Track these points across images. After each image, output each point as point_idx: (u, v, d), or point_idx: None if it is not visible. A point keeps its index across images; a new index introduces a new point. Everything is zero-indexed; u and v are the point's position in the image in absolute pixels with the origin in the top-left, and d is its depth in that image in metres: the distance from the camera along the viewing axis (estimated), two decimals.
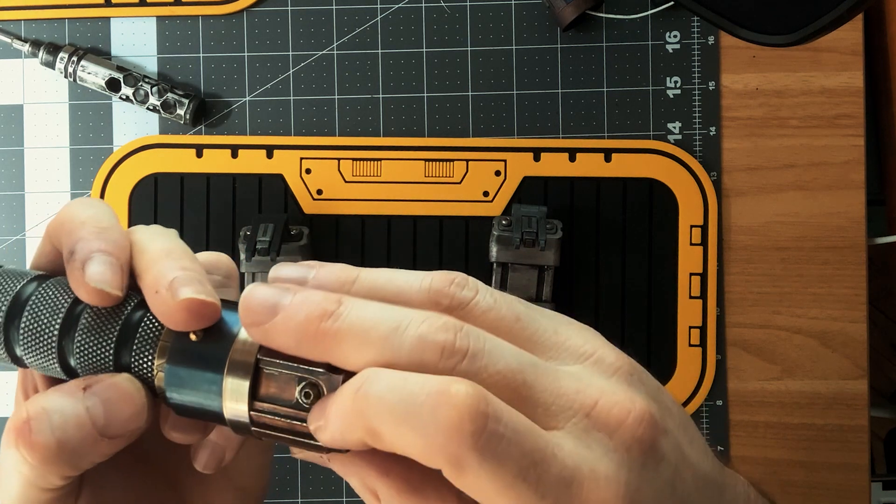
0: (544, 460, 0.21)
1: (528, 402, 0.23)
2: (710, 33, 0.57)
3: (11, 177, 0.58)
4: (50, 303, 0.26)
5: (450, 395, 0.21)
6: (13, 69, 0.58)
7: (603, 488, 0.22)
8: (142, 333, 0.26)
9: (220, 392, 0.24)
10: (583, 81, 0.57)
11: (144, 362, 0.26)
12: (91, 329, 0.26)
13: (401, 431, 0.21)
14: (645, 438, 0.23)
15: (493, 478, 0.21)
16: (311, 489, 0.57)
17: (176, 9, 0.58)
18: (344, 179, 0.57)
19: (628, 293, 0.57)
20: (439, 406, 0.21)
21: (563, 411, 0.23)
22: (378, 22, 0.57)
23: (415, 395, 0.21)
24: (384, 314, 0.23)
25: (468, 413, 0.21)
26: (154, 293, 0.25)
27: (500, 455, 0.21)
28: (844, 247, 0.56)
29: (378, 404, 0.21)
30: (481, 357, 0.22)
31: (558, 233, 0.53)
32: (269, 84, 0.58)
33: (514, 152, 0.57)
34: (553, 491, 0.21)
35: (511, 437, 0.21)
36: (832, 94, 0.57)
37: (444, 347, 0.22)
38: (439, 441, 0.21)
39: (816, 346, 0.57)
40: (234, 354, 0.24)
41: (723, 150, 0.57)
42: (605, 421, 0.23)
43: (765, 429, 0.57)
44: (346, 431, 0.22)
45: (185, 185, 0.57)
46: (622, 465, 0.22)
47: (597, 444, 0.22)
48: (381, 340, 0.22)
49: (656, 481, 0.23)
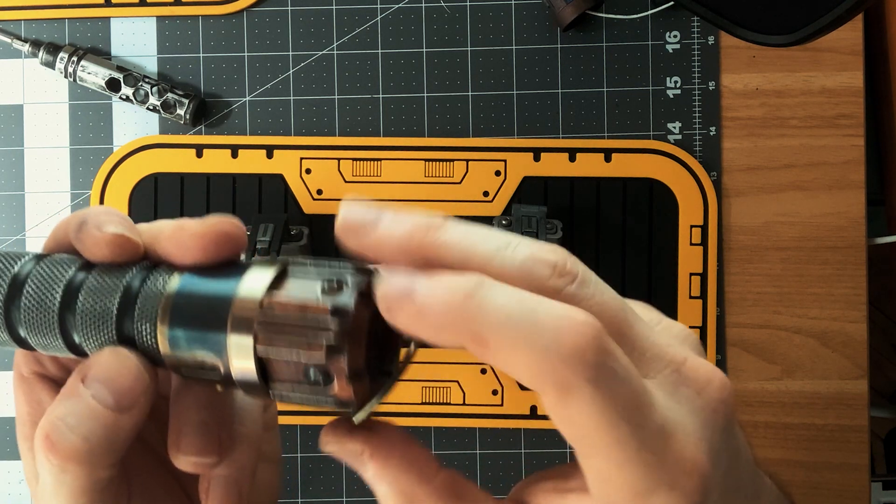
0: (647, 405, 0.21)
1: (626, 341, 0.22)
2: (710, 33, 0.57)
3: (11, 177, 0.58)
4: (49, 278, 0.26)
5: (575, 321, 0.20)
6: (13, 69, 0.58)
7: (692, 444, 0.22)
8: (143, 296, 0.25)
9: (225, 349, 0.23)
10: (583, 81, 0.57)
11: (146, 326, 0.25)
12: (92, 298, 0.25)
13: (515, 345, 0.20)
14: (730, 403, 0.23)
15: (599, 412, 0.20)
16: (311, 489, 0.57)
17: (176, 9, 0.58)
18: (344, 179, 0.57)
19: (628, 293, 0.57)
20: (562, 329, 0.20)
21: (656, 360, 0.23)
22: (378, 22, 0.57)
23: (536, 312, 0.20)
24: (491, 232, 0.22)
25: (592, 342, 0.20)
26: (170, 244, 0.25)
27: (613, 390, 0.20)
28: (844, 247, 0.56)
29: (496, 313, 0.20)
30: (590, 284, 0.22)
31: (558, 233, 0.53)
32: (269, 84, 0.58)
33: (514, 152, 0.57)
34: (651, 438, 0.21)
35: (624, 375, 0.21)
36: (832, 94, 0.57)
37: (556, 266, 0.22)
38: (556, 364, 0.20)
39: (816, 346, 0.57)
40: (235, 312, 0.23)
41: (723, 150, 0.57)
42: (695, 378, 0.23)
43: (765, 429, 0.57)
44: (447, 330, 0.21)
45: (185, 185, 0.57)
46: (707, 426, 0.22)
47: (686, 401, 0.22)
48: (490, 254, 0.22)
49: (732, 449, 0.23)
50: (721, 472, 0.22)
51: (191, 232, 0.25)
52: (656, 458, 0.21)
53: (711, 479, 0.22)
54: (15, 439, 0.58)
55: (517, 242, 0.22)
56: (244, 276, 0.24)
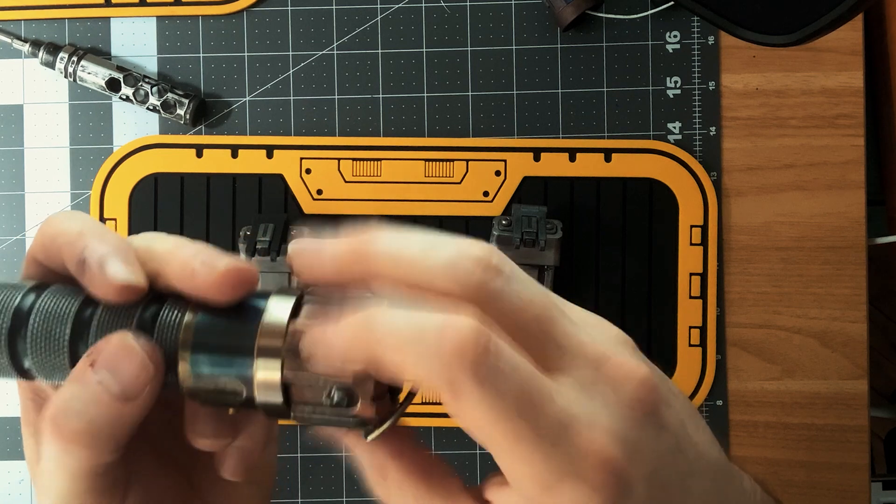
0: (542, 400, 0.22)
1: (546, 336, 0.23)
2: (710, 33, 0.57)
3: (11, 177, 0.58)
4: (56, 310, 0.26)
5: (455, 326, 0.21)
6: (13, 69, 0.58)
7: (599, 437, 0.22)
8: (160, 328, 0.26)
9: (251, 374, 0.24)
10: (583, 81, 0.57)
11: (165, 357, 0.25)
12: (105, 332, 0.26)
13: (406, 358, 0.22)
14: (648, 401, 0.23)
15: (488, 408, 0.21)
16: (311, 489, 0.57)
17: (176, 9, 0.58)
18: (344, 179, 0.57)
19: (628, 293, 0.57)
20: (444, 334, 0.21)
21: (576, 357, 0.23)
22: (378, 22, 0.57)
23: (421, 325, 0.22)
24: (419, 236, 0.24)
25: (471, 342, 0.21)
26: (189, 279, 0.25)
27: (498, 386, 0.21)
28: (844, 247, 0.56)
29: (386, 335, 0.22)
30: (515, 280, 0.23)
31: (558, 233, 0.53)
32: (269, 84, 0.58)
33: (514, 152, 0.57)
34: (550, 431, 0.22)
35: (510, 372, 0.22)
36: (832, 94, 0.57)
37: (481, 261, 0.23)
38: (440, 366, 0.21)
39: (816, 346, 0.57)
40: (261, 340, 0.24)
41: (723, 150, 0.57)
42: (613, 376, 0.23)
43: (765, 429, 0.57)
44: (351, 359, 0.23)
45: (185, 185, 0.57)
46: (622, 420, 0.23)
47: (600, 397, 0.23)
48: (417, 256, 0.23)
49: (656, 446, 0.23)
50: (645, 468, 0.23)
51: (203, 278, 0.25)
52: (557, 451, 0.22)
53: (628, 474, 0.22)
54: (15, 440, 0.58)
55: (443, 242, 0.23)
56: (267, 305, 0.25)
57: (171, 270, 0.26)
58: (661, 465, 0.23)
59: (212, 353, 0.25)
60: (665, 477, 0.23)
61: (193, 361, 0.25)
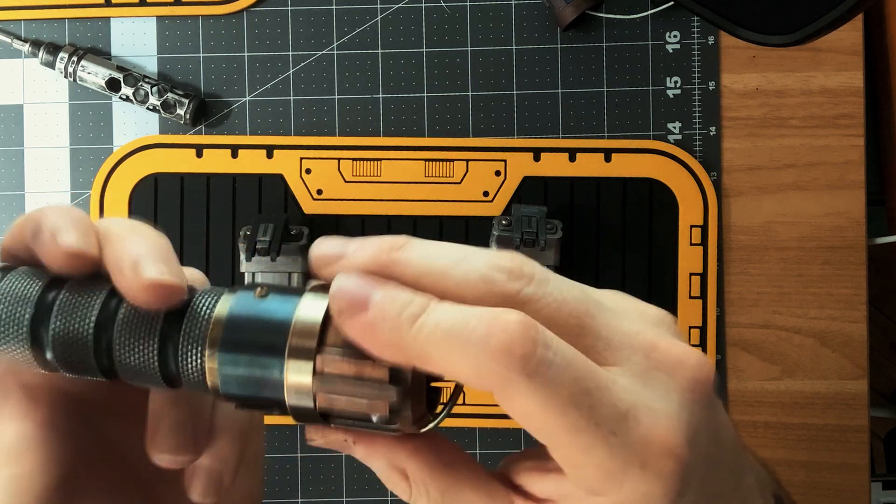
0: (598, 389, 0.22)
1: (590, 332, 0.23)
2: (710, 33, 0.57)
3: (11, 177, 0.58)
4: (19, 292, 0.25)
5: (501, 322, 0.21)
6: (13, 69, 0.58)
7: (664, 425, 0.22)
8: (188, 325, 0.25)
9: (282, 380, 0.23)
10: (583, 81, 0.57)
11: (193, 354, 0.25)
12: (129, 329, 0.25)
13: (452, 355, 0.21)
14: (706, 383, 0.23)
15: (542, 402, 0.21)
16: (311, 489, 0.57)
17: (176, 9, 0.58)
18: (344, 179, 0.57)
19: (628, 293, 0.57)
20: (491, 331, 0.21)
21: (624, 347, 0.23)
22: (378, 22, 0.57)
23: (468, 321, 0.21)
24: (450, 247, 0.23)
25: (518, 337, 0.21)
26: (118, 272, 0.25)
27: (551, 380, 0.21)
28: (844, 247, 0.56)
29: (434, 331, 0.21)
30: (547, 283, 0.23)
31: (558, 233, 0.53)
32: (269, 84, 0.58)
33: (514, 152, 0.57)
34: (607, 420, 0.21)
35: (561, 363, 0.21)
36: (832, 94, 0.57)
37: (512, 271, 0.23)
38: (489, 364, 0.21)
39: (816, 346, 0.57)
40: (293, 339, 0.23)
41: (723, 150, 0.57)
42: (665, 361, 0.23)
43: (765, 429, 0.57)
44: (391, 350, 0.22)
45: (185, 185, 0.57)
46: (684, 406, 0.23)
47: (657, 384, 0.23)
48: (448, 267, 0.23)
49: (711, 426, 0.23)
50: (702, 451, 0.23)
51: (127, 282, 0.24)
52: (619, 440, 0.21)
53: (690, 460, 0.22)
54: None
55: (474, 254, 0.23)
56: (299, 304, 0.24)
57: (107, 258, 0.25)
58: (712, 448, 0.23)
59: (242, 352, 0.24)
60: (716, 459, 0.24)
61: (222, 370, 0.24)
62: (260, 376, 0.24)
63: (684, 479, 0.22)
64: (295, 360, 0.23)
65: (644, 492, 0.22)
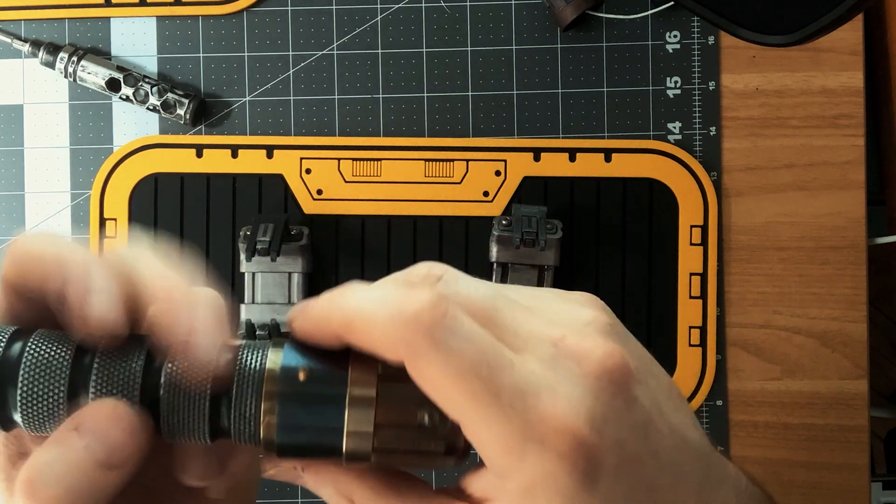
0: (500, 366, 0.23)
1: (497, 324, 0.24)
2: (710, 33, 0.57)
3: (11, 177, 0.58)
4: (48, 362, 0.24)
5: (415, 295, 0.23)
6: (13, 69, 0.58)
7: (563, 405, 0.23)
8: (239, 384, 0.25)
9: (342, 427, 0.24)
10: (583, 81, 0.57)
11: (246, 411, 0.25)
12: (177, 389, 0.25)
13: (370, 323, 0.23)
14: (615, 371, 0.24)
15: (444, 367, 0.23)
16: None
17: (176, 9, 0.58)
18: (344, 179, 0.57)
19: (628, 293, 0.57)
20: (406, 302, 0.23)
21: (531, 338, 0.24)
22: (378, 22, 0.57)
23: (388, 295, 0.24)
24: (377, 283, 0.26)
25: (428, 308, 0.23)
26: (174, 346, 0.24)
27: (454, 348, 0.23)
28: (844, 247, 0.56)
29: (357, 301, 0.24)
30: (456, 282, 0.25)
31: (558, 233, 0.53)
32: (269, 84, 0.58)
33: (514, 152, 0.57)
34: (507, 393, 0.23)
35: (467, 336, 0.23)
36: (832, 94, 0.57)
37: (420, 275, 0.25)
38: (400, 331, 0.23)
39: (816, 346, 0.57)
40: (353, 389, 0.24)
41: (723, 150, 0.57)
42: (574, 351, 0.24)
43: (765, 429, 0.57)
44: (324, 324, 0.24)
45: (185, 185, 0.57)
46: (588, 392, 0.23)
47: (563, 370, 0.23)
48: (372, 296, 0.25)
49: (625, 419, 0.23)
50: (612, 440, 0.23)
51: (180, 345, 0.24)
52: (516, 413, 0.22)
53: (595, 444, 0.22)
54: None
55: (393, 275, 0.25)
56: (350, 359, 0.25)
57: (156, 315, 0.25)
58: (631, 438, 0.23)
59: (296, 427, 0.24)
60: (636, 450, 0.23)
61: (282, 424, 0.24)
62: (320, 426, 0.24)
63: (591, 463, 0.22)
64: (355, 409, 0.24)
65: (547, 470, 0.22)
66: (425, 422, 0.24)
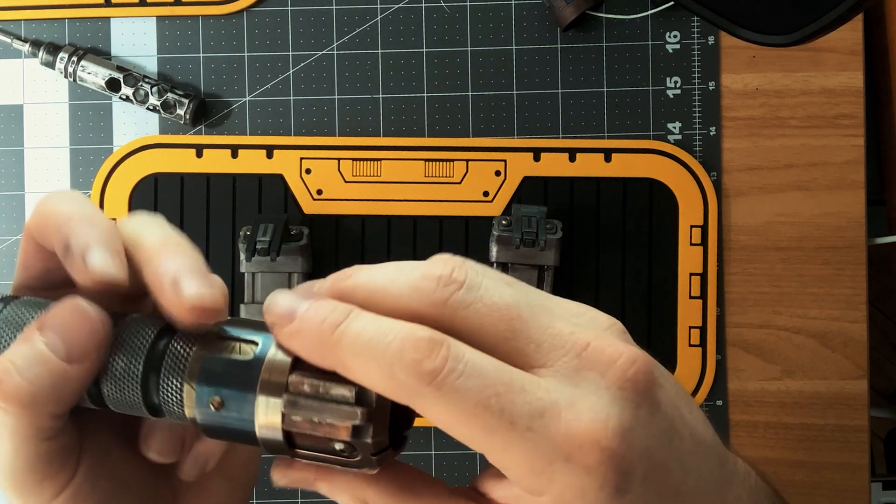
0: (510, 392, 0.22)
1: (520, 335, 0.24)
2: (710, 33, 0.57)
3: (11, 177, 0.58)
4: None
5: (413, 338, 0.23)
6: (13, 69, 0.58)
7: (586, 419, 0.22)
8: (168, 359, 0.25)
9: (252, 411, 0.24)
10: (583, 81, 0.57)
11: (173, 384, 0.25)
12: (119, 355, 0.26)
13: (368, 366, 0.23)
14: (639, 379, 0.23)
15: (450, 409, 0.22)
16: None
17: (176, 9, 0.58)
18: (344, 179, 0.57)
19: (628, 293, 0.57)
20: (404, 346, 0.22)
21: (554, 349, 0.24)
22: (378, 22, 0.57)
23: (386, 336, 0.23)
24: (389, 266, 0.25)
25: (427, 353, 0.22)
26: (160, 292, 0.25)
27: (457, 389, 0.22)
28: (844, 247, 0.56)
29: (354, 341, 0.23)
30: (478, 288, 0.24)
31: (558, 233, 0.53)
32: (269, 84, 0.58)
33: (514, 152, 0.57)
34: (523, 418, 0.22)
35: (470, 372, 0.22)
36: (832, 94, 0.57)
37: (441, 278, 0.24)
38: (400, 377, 0.22)
39: (816, 346, 0.57)
40: (265, 374, 0.24)
41: (723, 150, 0.57)
42: (598, 360, 0.23)
43: (765, 429, 0.57)
44: (316, 354, 0.24)
45: (185, 185, 0.57)
46: (613, 402, 0.23)
47: (587, 382, 0.23)
48: (386, 284, 0.24)
49: (651, 427, 0.23)
50: (641, 449, 0.23)
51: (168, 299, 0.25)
52: (537, 435, 0.22)
53: (623, 454, 0.22)
54: None
55: (410, 267, 0.24)
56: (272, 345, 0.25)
57: (147, 273, 0.26)
58: (657, 446, 0.23)
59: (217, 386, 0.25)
60: (663, 458, 0.23)
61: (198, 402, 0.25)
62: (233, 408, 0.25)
63: (621, 473, 0.22)
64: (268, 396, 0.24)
65: (578, 486, 0.22)
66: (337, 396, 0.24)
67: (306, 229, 0.55)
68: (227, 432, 0.25)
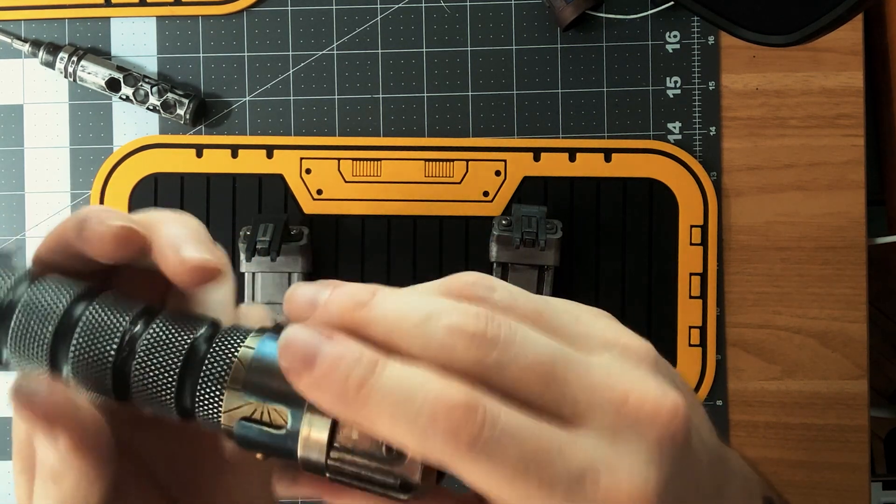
0: (549, 454, 0.22)
1: (555, 393, 0.23)
2: (710, 33, 0.57)
3: (11, 177, 0.58)
4: (42, 306, 0.25)
5: (446, 401, 0.21)
6: (13, 69, 0.58)
7: (626, 483, 0.22)
8: (209, 367, 0.24)
9: (297, 429, 0.23)
10: (583, 81, 0.57)
11: (211, 393, 0.24)
12: (152, 357, 0.25)
13: (399, 428, 0.22)
14: (678, 434, 0.23)
15: (488, 476, 0.21)
16: None
17: (176, 9, 0.58)
18: (344, 179, 0.57)
19: (628, 293, 0.57)
20: (437, 410, 0.21)
21: (592, 407, 0.23)
22: (378, 22, 0.57)
23: (415, 396, 0.22)
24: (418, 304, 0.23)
25: (463, 420, 0.21)
26: (161, 255, 0.25)
27: (495, 455, 0.21)
28: (844, 247, 0.56)
29: (382, 399, 0.22)
30: (512, 347, 0.23)
31: (558, 233, 0.53)
32: (269, 84, 0.58)
33: (514, 152, 0.57)
34: (561, 483, 0.21)
35: (508, 437, 0.21)
36: (832, 94, 0.57)
37: (475, 336, 0.22)
38: (434, 443, 0.21)
39: (816, 346, 0.57)
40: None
41: (723, 150, 0.57)
42: (637, 416, 0.23)
43: (765, 429, 0.57)
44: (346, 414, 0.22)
45: (185, 185, 0.57)
46: (651, 463, 0.22)
47: (625, 441, 0.22)
48: (412, 329, 0.23)
49: (685, 475, 0.23)
50: (674, 500, 0.22)
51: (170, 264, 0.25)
52: (578, 501, 0.21)
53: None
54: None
55: (440, 313, 0.23)
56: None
57: (153, 243, 0.26)
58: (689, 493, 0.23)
59: (263, 398, 0.24)
60: (691, 496, 0.23)
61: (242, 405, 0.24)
62: (277, 425, 0.23)
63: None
64: (314, 415, 0.23)
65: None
66: (383, 451, 0.23)
67: (306, 229, 0.55)
68: (266, 448, 0.24)
